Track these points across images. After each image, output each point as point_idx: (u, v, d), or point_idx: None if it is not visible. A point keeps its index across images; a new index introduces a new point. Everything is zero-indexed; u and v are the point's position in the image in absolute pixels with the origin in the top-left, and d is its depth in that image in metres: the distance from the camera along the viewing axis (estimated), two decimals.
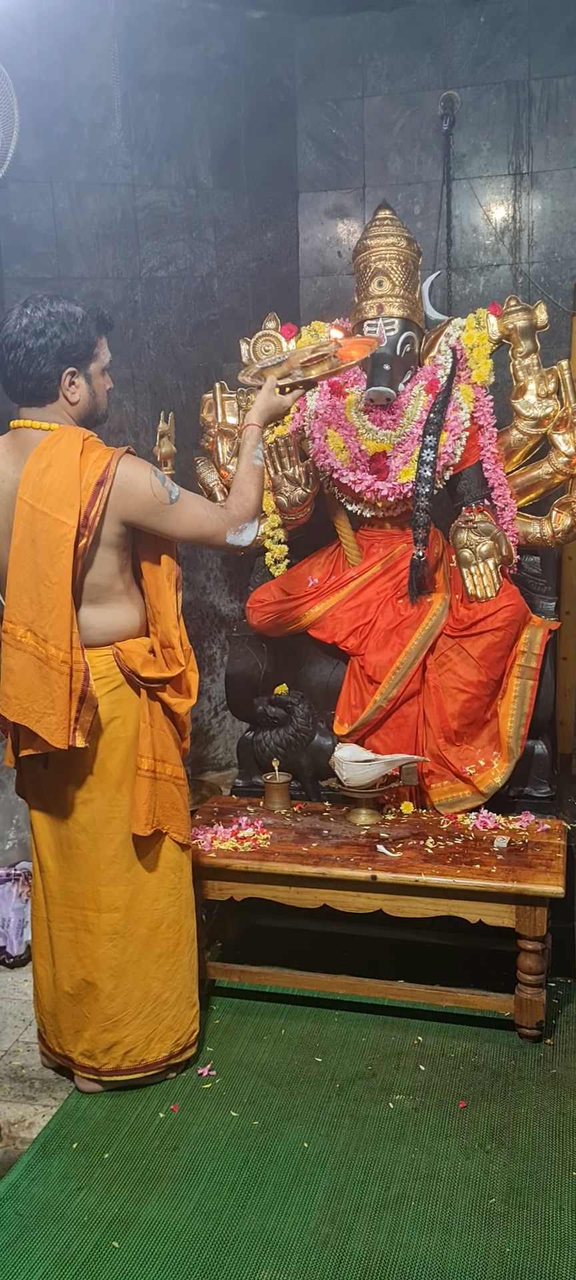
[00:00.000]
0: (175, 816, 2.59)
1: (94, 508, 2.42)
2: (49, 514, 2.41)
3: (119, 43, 4.11)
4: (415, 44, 4.35)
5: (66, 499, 2.41)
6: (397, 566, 3.32)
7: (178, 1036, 2.64)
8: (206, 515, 2.58)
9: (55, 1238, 2.17)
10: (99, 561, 2.48)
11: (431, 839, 2.90)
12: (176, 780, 2.59)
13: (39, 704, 2.42)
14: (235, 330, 4.09)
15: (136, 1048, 2.60)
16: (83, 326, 2.51)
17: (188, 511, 2.54)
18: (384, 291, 3.34)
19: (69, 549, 2.40)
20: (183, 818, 2.61)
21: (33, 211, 4.12)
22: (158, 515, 2.49)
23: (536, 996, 2.71)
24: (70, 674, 2.41)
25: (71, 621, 2.42)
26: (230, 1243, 2.14)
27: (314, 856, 2.84)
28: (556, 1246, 2.10)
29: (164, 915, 2.60)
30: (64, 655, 2.41)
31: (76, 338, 2.50)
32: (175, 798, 2.59)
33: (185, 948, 2.64)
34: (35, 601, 2.42)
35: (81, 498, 2.41)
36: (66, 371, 2.50)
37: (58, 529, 2.40)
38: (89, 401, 2.57)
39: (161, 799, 2.56)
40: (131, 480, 2.46)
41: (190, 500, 2.57)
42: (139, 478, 2.48)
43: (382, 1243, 2.12)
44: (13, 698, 2.45)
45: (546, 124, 4.28)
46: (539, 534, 3.42)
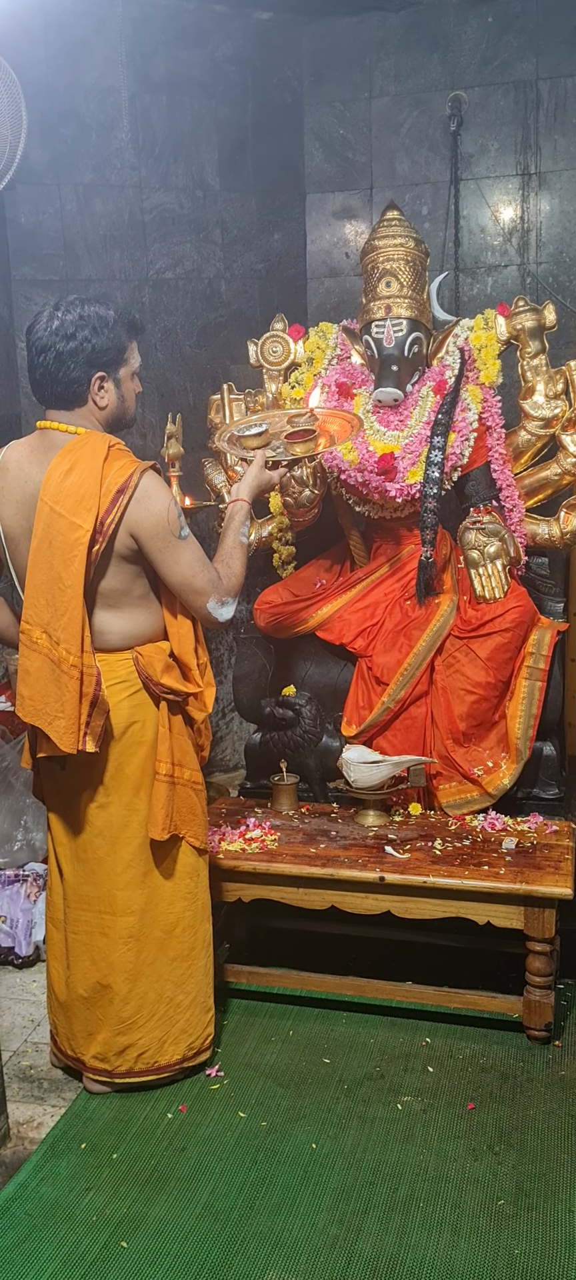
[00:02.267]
0: (192, 821, 2.58)
1: (111, 515, 2.39)
2: (65, 516, 2.39)
3: (126, 45, 4.12)
4: (422, 45, 4.35)
5: (84, 503, 2.38)
6: (405, 568, 3.32)
7: (191, 1040, 2.64)
8: (201, 570, 2.49)
9: (64, 1238, 2.17)
10: (113, 569, 2.46)
11: (439, 840, 2.90)
12: (194, 785, 2.59)
13: (51, 706, 2.42)
14: (242, 332, 4.10)
15: (150, 1050, 2.60)
16: (113, 330, 2.48)
17: (188, 555, 2.47)
18: (392, 292, 3.34)
19: (83, 553, 2.37)
20: (200, 822, 2.60)
21: (40, 213, 4.14)
22: (162, 542, 2.44)
23: (545, 998, 2.71)
24: (80, 678, 2.39)
25: (83, 625, 2.41)
26: (238, 1243, 2.14)
27: (322, 858, 2.84)
28: (566, 1248, 2.10)
29: (179, 919, 2.60)
30: (74, 659, 2.39)
31: (107, 342, 2.46)
32: (192, 802, 2.58)
33: (200, 952, 2.64)
34: (50, 604, 2.41)
35: (100, 503, 2.38)
36: (96, 376, 2.47)
37: (72, 532, 2.38)
38: (117, 406, 2.54)
39: (179, 804, 2.55)
40: (150, 496, 2.42)
41: (194, 547, 2.50)
42: (158, 497, 2.43)
43: (391, 1244, 2.12)
44: (27, 698, 2.45)
45: (554, 124, 4.28)
46: (547, 535, 3.42)
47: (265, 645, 3.41)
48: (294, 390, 3.55)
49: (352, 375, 3.49)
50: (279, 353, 3.63)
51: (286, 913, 2.91)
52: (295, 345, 3.62)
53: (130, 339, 2.55)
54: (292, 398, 3.54)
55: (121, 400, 2.55)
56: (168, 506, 2.44)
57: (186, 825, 2.57)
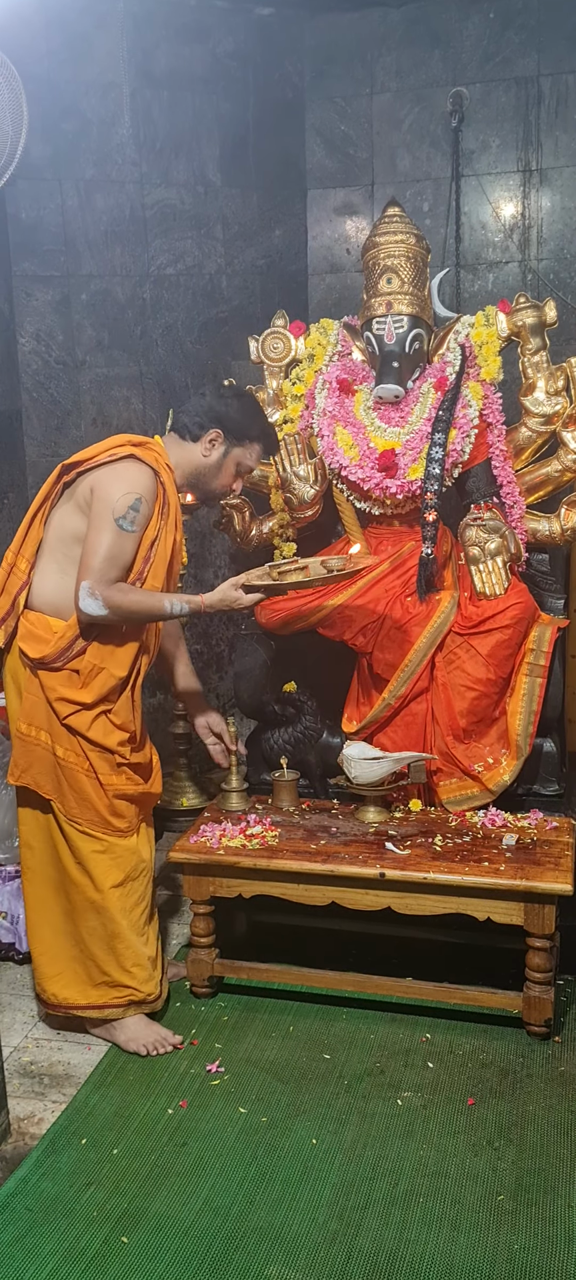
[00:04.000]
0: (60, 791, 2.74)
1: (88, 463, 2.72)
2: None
3: (127, 40, 4.12)
4: (424, 40, 4.34)
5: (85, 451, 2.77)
6: (406, 564, 3.32)
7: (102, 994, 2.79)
8: (104, 557, 2.60)
9: (64, 1233, 2.18)
10: (66, 509, 2.74)
11: (440, 836, 2.90)
12: (60, 760, 2.72)
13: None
14: (243, 328, 4.09)
15: (59, 988, 2.82)
16: (251, 416, 2.88)
17: (109, 538, 2.61)
18: (393, 289, 3.34)
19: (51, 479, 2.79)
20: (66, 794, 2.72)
21: (41, 209, 4.13)
22: (102, 507, 2.62)
23: (544, 994, 2.71)
24: (7, 574, 2.77)
25: (26, 536, 2.77)
26: (238, 1238, 2.14)
27: (322, 854, 2.84)
28: (565, 1243, 2.10)
29: (68, 874, 2.78)
30: (12, 558, 2.77)
31: (239, 417, 2.84)
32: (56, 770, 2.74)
33: (91, 913, 2.77)
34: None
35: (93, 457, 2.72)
36: (214, 430, 2.81)
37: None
38: (213, 470, 2.85)
39: (38, 764, 2.74)
40: (120, 474, 2.66)
41: (119, 541, 2.62)
42: (126, 480, 2.65)
43: (391, 1239, 2.13)
44: None
45: (556, 120, 4.27)
46: (547, 531, 3.42)
47: (266, 641, 3.41)
48: (295, 387, 3.55)
49: (354, 372, 3.49)
50: (280, 349, 3.63)
51: (287, 909, 2.91)
52: (296, 341, 3.62)
53: (258, 442, 2.90)
54: (294, 394, 3.53)
55: (217, 471, 2.85)
56: (126, 492, 2.62)
57: (52, 790, 2.73)
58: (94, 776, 2.71)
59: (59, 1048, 2.83)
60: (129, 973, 2.77)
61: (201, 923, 2.96)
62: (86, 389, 4.27)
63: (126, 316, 4.30)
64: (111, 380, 4.30)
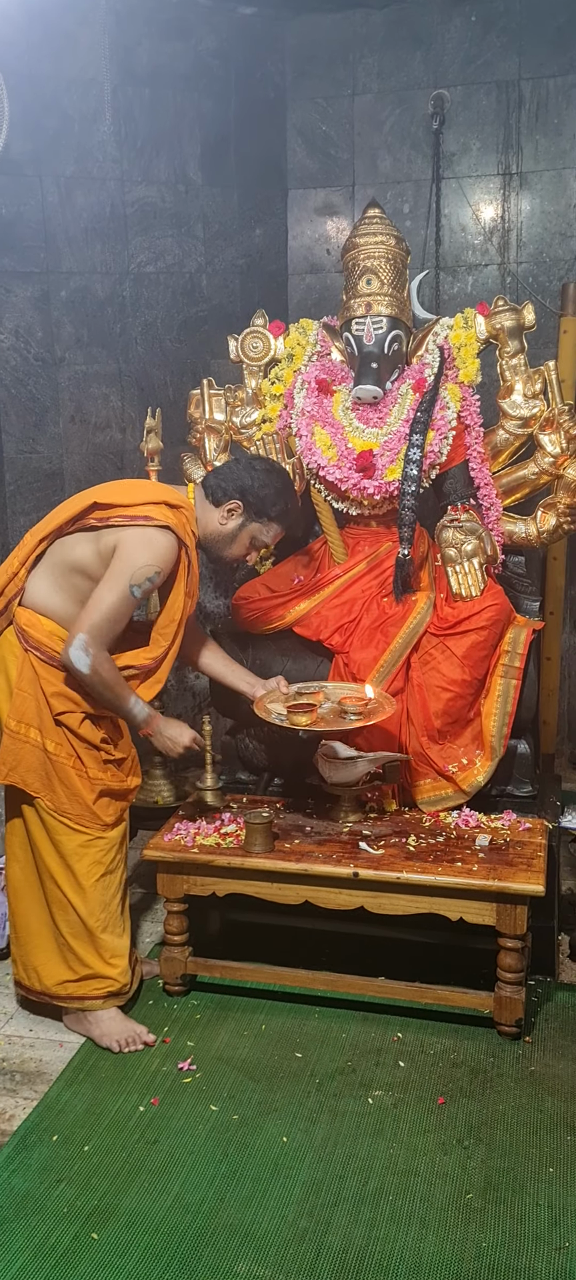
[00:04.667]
0: (48, 787, 2.75)
1: (117, 517, 2.71)
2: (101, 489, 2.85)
3: (109, 37, 4.11)
4: (406, 42, 4.36)
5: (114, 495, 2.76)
6: (383, 565, 3.33)
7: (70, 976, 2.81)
8: (104, 616, 2.66)
9: (34, 1229, 2.17)
10: (83, 545, 2.74)
11: (413, 837, 2.91)
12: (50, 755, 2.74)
13: None
14: (223, 326, 4.10)
15: (38, 970, 2.84)
16: (274, 496, 2.88)
17: (114, 599, 2.65)
18: (372, 290, 3.35)
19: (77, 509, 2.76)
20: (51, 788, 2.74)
21: (21, 205, 4.12)
22: (120, 568, 2.66)
23: (516, 994, 2.73)
24: (7, 580, 2.77)
25: (35, 551, 2.77)
26: (208, 1235, 2.15)
27: (296, 853, 2.84)
28: (532, 1242, 2.12)
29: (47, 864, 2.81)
30: (15, 567, 2.78)
31: (263, 494, 2.86)
32: (47, 767, 2.75)
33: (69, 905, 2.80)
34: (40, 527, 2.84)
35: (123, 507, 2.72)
36: (234, 501, 2.86)
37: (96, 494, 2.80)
38: (228, 539, 2.90)
39: (26, 760, 2.74)
40: (148, 543, 2.68)
41: (122, 606, 2.67)
42: (151, 550, 2.68)
43: (360, 1237, 2.14)
44: None
45: (536, 124, 4.30)
46: (524, 534, 3.44)
47: (242, 640, 3.41)
48: (274, 386, 3.55)
49: (332, 372, 3.50)
50: (259, 348, 3.63)
51: (261, 907, 2.91)
52: (275, 341, 3.62)
53: (278, 522, 2.93)
54: (272, 394, 3.54)
55: (231, 540, 2.91)
56: (148, 564, 2.66)
57: (41, 787, 2.73)
58: (83, 771, 2.75)
59: (31, 1044, 2.82)
60: (109, 964, 2.80)
61: (175, 921, 2.96)
62: (65, 386, 4.26)
63: (106, 314, 4.30)
64: (90, 377, 4.30)
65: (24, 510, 4.24)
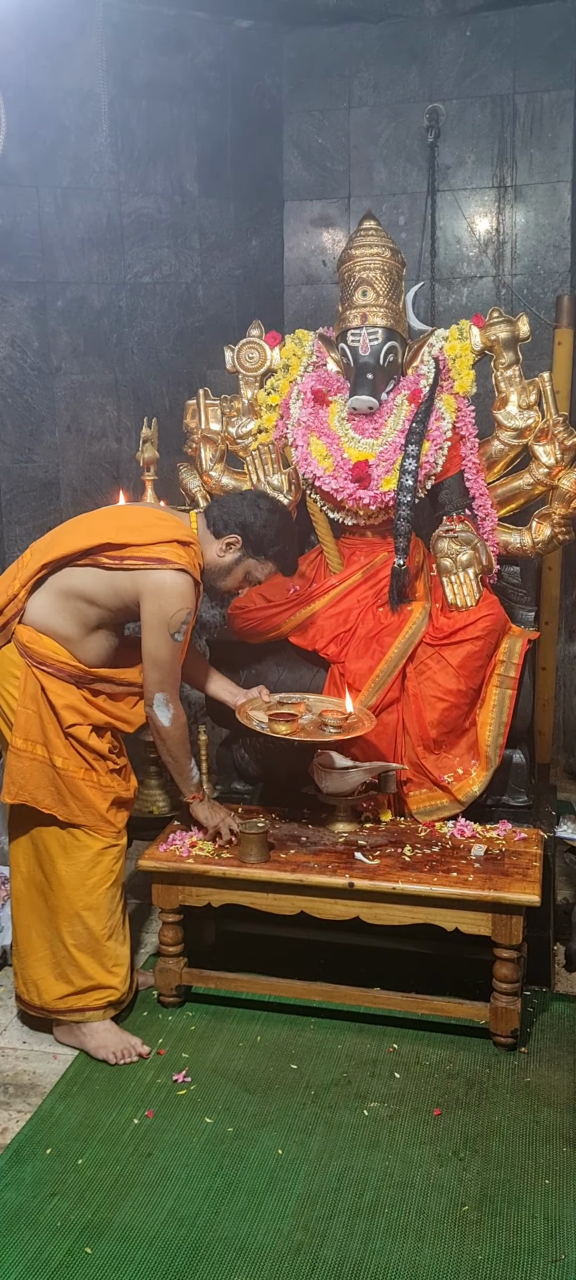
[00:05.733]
0: (58, 801, 2.75)
1: (133, 560, 2.72)
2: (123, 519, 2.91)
3: (106, 49, 4.12)
4: (401, 56, 4.38)
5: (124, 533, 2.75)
6: (378, 575, 3.33)
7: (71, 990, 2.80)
8: (165, 669, 2.75)
9: (27, 1244, 2.16)
10: (94, 579, 2.74)
11: (409, 847, 2.91)
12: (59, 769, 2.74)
13: None
14: (219, 337, 4.10)
15: (39, 985, 2.83)
16: (273, 536, 2.91)
17: (168, 651, 2.74)
18: (368, 301, 3.36)
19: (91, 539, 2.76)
20: (63, 801, 2.74)
21: (18, 215, 4.12)
22: (156, 621, 2.72)
23: (511, 1005, 2.72)
24: (8, 601, 2.75)
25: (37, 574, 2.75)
26: (203, 1249, 2.13)
27: (291, 863, 2.84)
28: (528, 1254, 2.11)
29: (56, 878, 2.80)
30: (17, 588, 2.76)
31: (263, 532, 2.89)
32: (56, 781, 2.75)
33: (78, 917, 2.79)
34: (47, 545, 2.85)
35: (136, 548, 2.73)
36: (234, 535, 2.88)
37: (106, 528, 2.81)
38: (223, 572, 2.91)
39: (34, 777, 2.73)
40: (169, 591, 2.71)
41: (175, 652, 2.76)
42: (176, 596, 2.72)
43: (355, 1249, 2.12)
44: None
45: (530, 138, 4.32)
46: (519, 544, 3.44)
47: (237, 650, 3.41)
48: (270, 396, 3.56)
49: (328, 382, 3.51)
50: (255, 359, 3.64)
51: (255, 918, 2.90)
52: (271, 352, 3.63)
53: (274, 562, 2.97)
54: (268, 404, 3.54)
55: (227, 573, 2.92)
56: (178, 609, 2.73)
57: (53, 803, 2.73)
58: (95, 781, 2.77)
59: (24, 1057, 2.81)
60: (111, 973, 2.81)
61: (170, 931, 2.95)
62: (61, 395, 4.26)
63: (102, 324, 4.30)
64: (86, 387, 4.30)
65: (20, 520, 4.24)
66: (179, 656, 2.78)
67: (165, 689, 2.77)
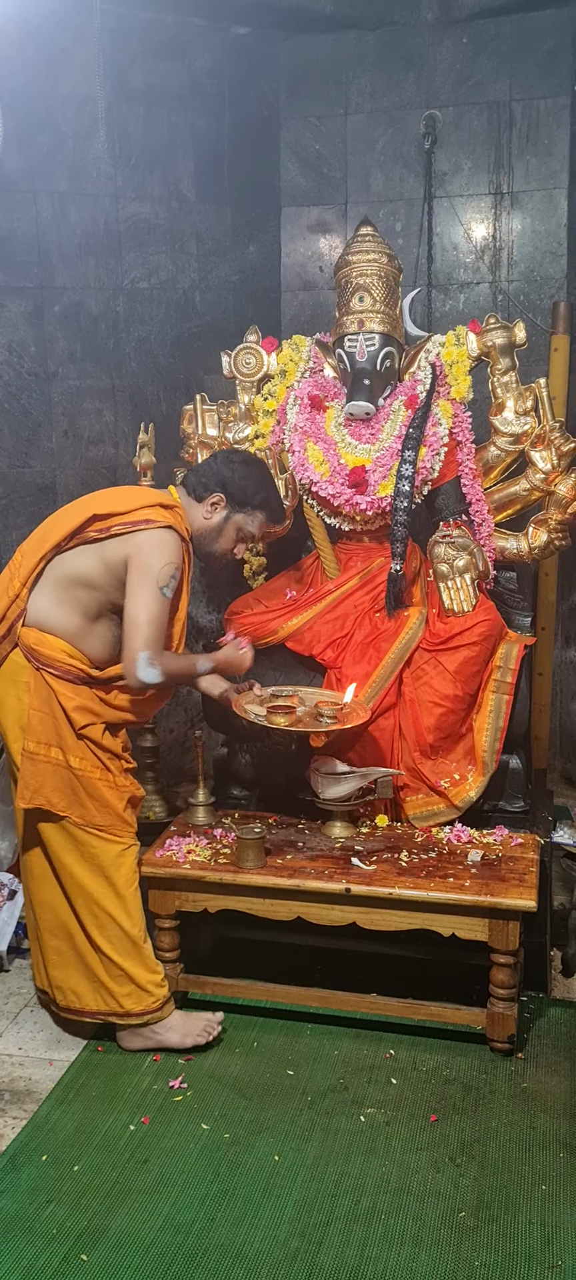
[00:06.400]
0: (75, 803, 2.71)
1: (119, 524, 2.70)
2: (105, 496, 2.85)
3: (103, 55, 4.12)
4: (398, 63, 4.39)
5: (109, 504, 2.75)
6: (375, 580, 3.33)
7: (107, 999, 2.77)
8: (151, 625, 2.66)
9: (23, 1251, 2.15)
10: (87, 556, 2.72)
11: (405, 852, 2.91)
12: (75, 771, 2.71)
13: None
14: (216, 342, 4.10)
15: (63, 991, 2.81)
16: (255, 485, 2.89)
17: (153, 606, 2.65)
18: (364, 307, 3.36)
19: (76, 520, 2.73)
20: (83, 804, 2.71)
21: (15, 220, 4.12)
22: (142, 575, 2.66)
23: (508, 1010, 2.72)
24: (10, 602, 2.71)
25: (37, 568, 2.72)
26: (199, 1256, 2.13)
27: (288, 869, 2.84)
28: (525, 1260, 2.11)
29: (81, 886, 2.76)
30: (17, 585, 2.71)
31: (243, 484, 2.87)
32: (72, 784, 2.72)
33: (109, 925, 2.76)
34: (38, 540, 2.80)
35: (121, 515, 2.71)
36: (217, 494, 2.86)
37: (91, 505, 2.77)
38: (214, 533, 2.89)
39: (51, 780, 2.70)
40: (161, 545, 2.69)
41: (162, 608, 2.68)
42: (166, 549, 2.69)
43: (352, 1256, 2.12)
44: None
45: (527, 145, 4.33)
46: (515, 550, 3.45)
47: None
48: (267, 402, 3.56)
49: (325, 388, 3.51)
50: (252, 364, 3.64)
51: (252, 923, 2.90)
52: (268, 357, 3.63)
53: (262, 511, 2.93)
54: (265, 409, 3.55)
55: (218, 535, 2.90)
56: (167, 562, 2.67)
57: (67, 806, 2.69)
58: (112, 781, 2.75)
59: (20, 1063, 2.80)
60: (155, 971, 2.80)
61: (167, 937, 2.94)
62: (58, 400, 4.27)
63: (99, 329, 4.30)
64: (83, 392, 4.30)
65: (16, 525, 4.23)
66: (165, 617, 2.71)
67: (150, 646, 2.65)
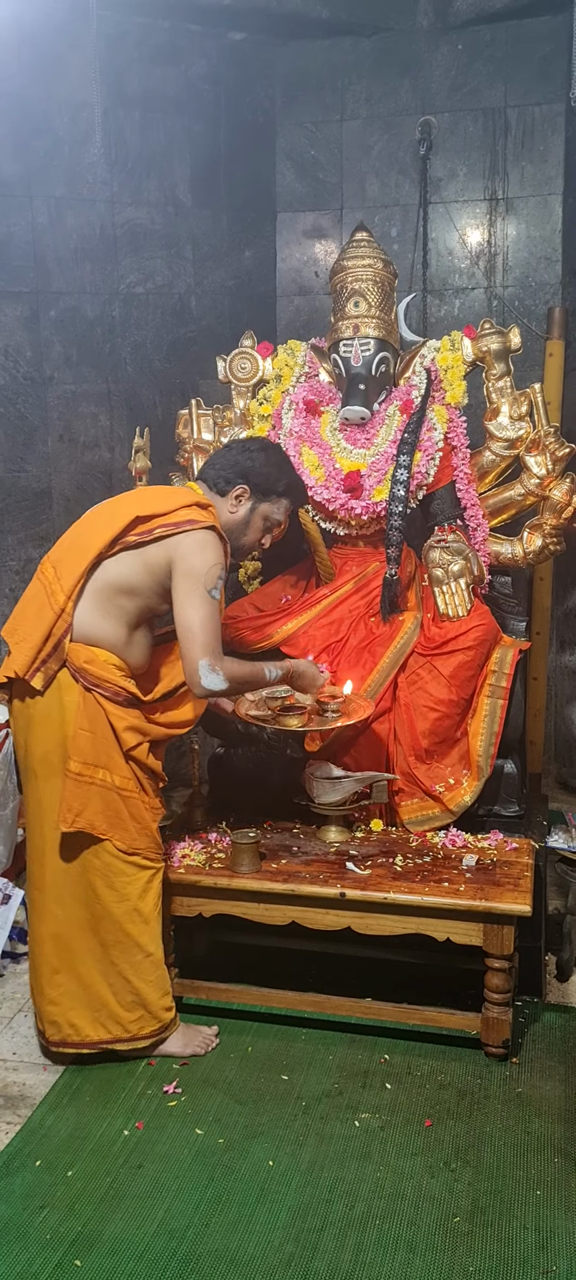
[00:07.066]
0: (117, 825, 2.66)
1: (162, 528, 2.64)
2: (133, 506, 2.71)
3: (100, 60, 4.12)
4: (394, 69, 4.40)
5: (150, 505, 2.69)
6: (370, 585, 3.34)
7: (119, 1029, 2.73)
8: (207, 631, 2.62)
9: (16, 1257, 2.14)
10: (130, 563, 2.66)
11: (400, 857, 2.91)
12: (121, 791, 2.67)
13: (26, 628, 2.64)
14: (212, 347, 4.11)
15: (77, 1024, 2.72)
16: (277, 471, 2.87)
17: (205, 610, 2.62)
18: (360, 312, 3.37)
19: (117, 526, 2.65)
20: (124, 827, 2.66)
21: (11, 225, 4.13)
22: (191, 582, 2.62)
23: (503, 1015, 2.72)
24: (57, 617, 2.61)
25: (82, 578, 2.63)
26: (194, 1261, 2.12)
27: (283, 873, 2.83)
28: (520, 1265, 2.10)
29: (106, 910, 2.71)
30: (62, 600, 2.62)
31: (266, 471, 2.84)
32: (117, 806, 2.66)
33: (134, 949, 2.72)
34: (72, 548, 2.71)
35: (162, 516, 2.65)
36: (240, 486, 2.82)
37: (124, 514, 2.68)
38: (242, 526, 2.86)
39: (95, 803, 2.64)
40: (205, 546, 2.64)
41: (214, 611, 2.65)
42: (210, 550, 2.65)
43: (347, 1261, 2.12)
44: (13, 615, 2.71)
45: (522, 151, 4.34)
46: (510, 554, 3.45)
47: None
48: (262, 407, 3.56)
49: (320, 393, 3.52)
50: (247, 369, 3.65)
51: (247, 928, 2.90)
52: (264, 362, 3.64)
53: (287, 497, 2.92)
54: (261, 414, 3.55)
55: (245, 527, 2.87)
56: (213, 563, 2.64)
57: (109, 828, 2.65)
58: (148, 802, 2.72)
59: (14, 1068, 2.79)
60: (167, 992, 2.78)
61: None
62: (54, 405, 4.27)
63: (95, 334, 4.31)
64: (79, 397, 4.30)
65: (11, 530, 4.23)
66: (217, 619, 2.66)
67: (207, 654, 2.61)
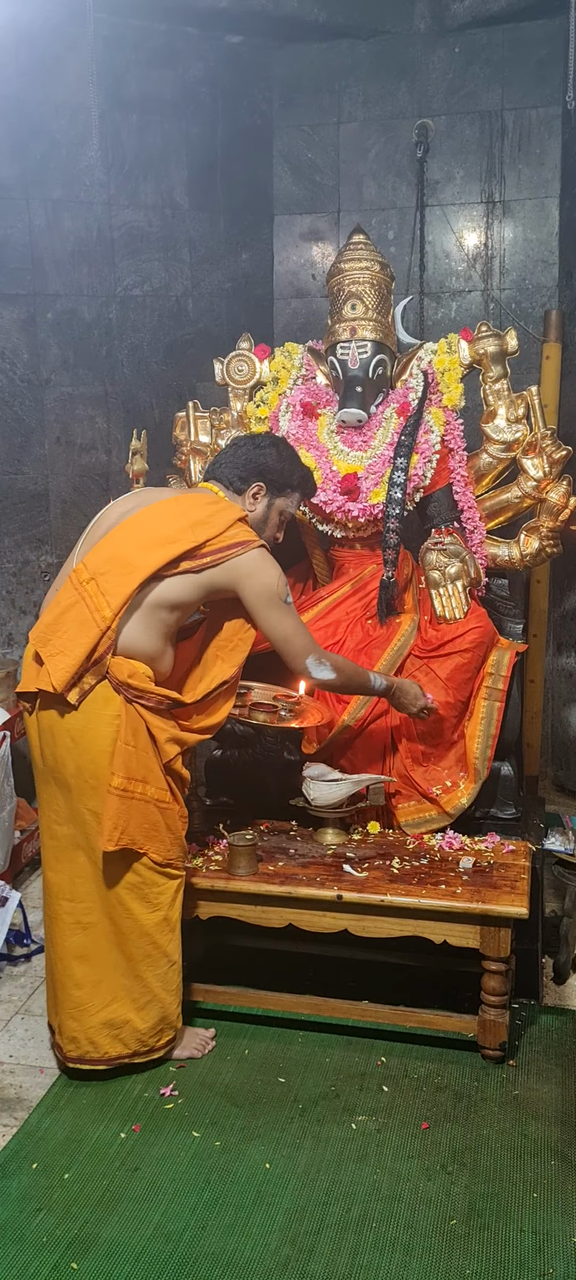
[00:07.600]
0: (154, 837, 2.63)
1: (213, 555, 2.64)
2: (183, 518, 2.68)
3: (97, 63, 4.13)
4: (391, 72, 4.41)
5: (201, 530, 2.65)
6: (367, 587, 3.34)
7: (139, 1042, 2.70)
8: (298, 633, 2.74)
9: (13, 1259, 2.14)
10: (180, 584, 2.64)
11: (397, 859, 2.91)
12: (159, 804, 2.64)
13: (62, 641, 2.57)
14: (209, 350, 4.11)
15: (98, 1039, 2.68)
16: (290, 465, 2.89)
17: (290, 619, 2.74)
18: (357, 315, 3.37)
19: (169, 553, 2.62)
20: (161, 839, 2.64)
21: (8, 228, 4.13)
22: (268, 603, 2.69)
23: (500, 1018, 2.72)
24: (101, 634, 2.56)
25: (129, 599, 2.58)
26: (190, 1264, 2.12)
27: (280, 875, 2.83)
28: (516, 1268, 2.10)
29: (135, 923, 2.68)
30: (109, 616, 2.56)
31: (280, 467, 2.86)
32: (155, 819, 2.63)
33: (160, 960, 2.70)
34: (112, 559, 2.63)
35: (213, 540, 2.64)
36: (256, 483, 2.84)
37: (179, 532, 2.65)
38: (261, 523, 2.86)
39: (137, 818, 2.61)
40: (262, 569, 2.68)
41: (294, 613, 2.78)
42: (269, 568, 2.70)
43: (343, 1264, 2.11)
44: (45, 624, 2.63)
45: (518, 154, 4.35)
46: (507, 557, 3.46)
47: None
48: (259, 409, 3.57)
49: (317, 395, 3.52)
50: (244, 371, 3.65)
51: (244, 930, 2.90)
52: (261, 364, 3.64)
53: (299, 491, 2.94)
54: (258, 416, 3.55)
55: (263, 523, 2.87)
56: (277, 576, 2.70)
57: (146, 841, 2.61)
58: (178, 812, 2.70)
59: (11, 1071, 2.79)
60: (179, 1000, 2.77)
61: None
62: (51, 407, 4.27)
63: (92, 336, 4.31)
64: (76, 399, 4.30)
65: (9, 531, 4.23)
66: (298, 617, 2.82)
67: (310, 651, 2.75)
